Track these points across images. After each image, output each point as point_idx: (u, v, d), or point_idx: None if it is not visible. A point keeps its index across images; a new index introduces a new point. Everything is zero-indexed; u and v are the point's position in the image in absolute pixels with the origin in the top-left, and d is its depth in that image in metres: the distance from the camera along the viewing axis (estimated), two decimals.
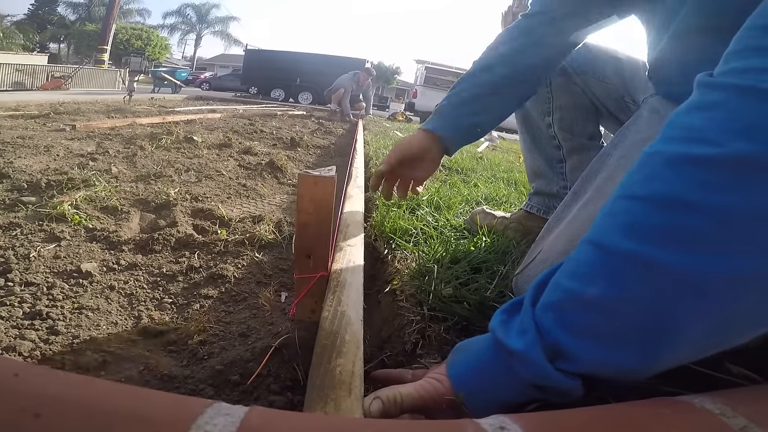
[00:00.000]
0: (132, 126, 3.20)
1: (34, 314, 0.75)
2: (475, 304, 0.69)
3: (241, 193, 1.69)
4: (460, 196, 1.50)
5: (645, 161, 0.40)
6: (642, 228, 0.37)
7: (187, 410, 0.29)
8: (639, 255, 0.36)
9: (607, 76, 0.99)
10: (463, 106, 0.88)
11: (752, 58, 0.37)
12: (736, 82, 0.37)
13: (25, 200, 1.27)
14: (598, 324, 0.38)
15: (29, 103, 4.50)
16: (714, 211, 0.34)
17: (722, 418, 0.34)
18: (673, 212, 0.36)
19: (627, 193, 0.40)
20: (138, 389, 0.32)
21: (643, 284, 0.36)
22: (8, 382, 0.29)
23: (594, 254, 0.40)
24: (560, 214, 0.78)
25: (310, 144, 3.32)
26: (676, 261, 0.34)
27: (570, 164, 1.09)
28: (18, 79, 8.82)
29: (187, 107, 5.73)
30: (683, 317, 0.35)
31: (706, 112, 0.38)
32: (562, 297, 0.40)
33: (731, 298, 0.34)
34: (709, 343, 0.37)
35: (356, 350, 0.52)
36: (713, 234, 0.34)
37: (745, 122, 0.35)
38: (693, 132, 0.38)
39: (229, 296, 0.90)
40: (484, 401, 0.42)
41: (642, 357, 0.37)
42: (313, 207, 0.62)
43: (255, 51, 15.74)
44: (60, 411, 0.27)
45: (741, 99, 0.36)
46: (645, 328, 0.36)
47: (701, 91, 0.40)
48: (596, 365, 0.38)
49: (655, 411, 0.35)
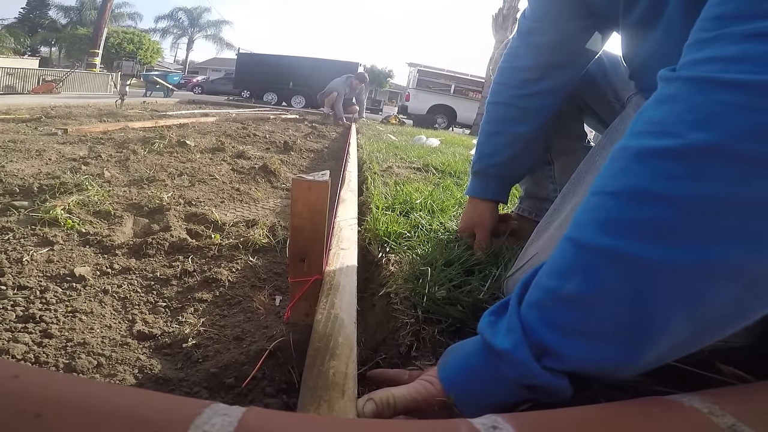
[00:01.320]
0: (124, 130, 3.18)
1: (27, 317, 0.75)
2: (469, 306, 0.70)
3: (234, 198, 1.69)
4: (453, 199, 1.51)
5: (615, 156, 0.41)
6: (614, 222, 0.38)
7: (185, 411, 0.29)
8: (612, 249, 0.37)
9: (589, 72, 0.98)
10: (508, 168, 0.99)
11: (704, 49, 0.38)
12: (690, 74, 0.38)
13: (18, 204, 1.26)
14: (579, 320, 0.38)
15: (20, 107, 4.47)
16: (679, 202, 0.35)
17: (711, 417, 0.34)
18: (642, 205, 0.36)
19: (599, 189, 0.41)
20: (137, 390, 0.32)
21: (618, 278, 0.36)
22: (9, 383, 0.29)
23: (571, 251, 0.40)
24: (550, 217, 0.79)
25: (304, 148, 3.32)
26: (647, 253, 0.35)
27: (558, 166, 1.09)
28: (9, 82, 8.75)
29: (180, 111, 5.71)
30: (660, 310, 0.35)
31: (666, 104, 0.39)
32: (544, 295, 0.41)
33: (703, 288, 0.34)
34: (691, 336, 0.37)
35: (349, 352, 0.53)
36: (680, 225, 0.34)
37: (701, 113, 0.35)
38: (656, 125, 0.39)
39: (224, 300, 0.90)
40: (474, 402, 0.43)
41: (625, 351, 0.37)
42: (307, 211, 0.63)
43: (247, 54, 15.69)
44: (60, 411, 0.27)
45: (695, 90, 0.37)
46: (624, 323, 0.36)
47: (662, 84, 0.41)
48: (581, 362, 0.38)
49: (644, 410, 0.36)
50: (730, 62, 0.36)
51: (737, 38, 0.36)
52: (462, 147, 4.53)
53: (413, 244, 0.99)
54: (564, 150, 1.07)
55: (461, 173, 2.29)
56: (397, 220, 1.16)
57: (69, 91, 9.32)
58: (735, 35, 0.36)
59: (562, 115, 1.04)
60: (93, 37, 14.79)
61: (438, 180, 2.02)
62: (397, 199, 1.40)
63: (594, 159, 0.79)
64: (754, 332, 0.50)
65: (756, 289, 0.35)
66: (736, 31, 0.36)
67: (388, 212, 1.24)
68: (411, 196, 1.43)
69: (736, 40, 0.36)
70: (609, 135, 0.81)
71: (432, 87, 12.41)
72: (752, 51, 0.35)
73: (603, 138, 0.83)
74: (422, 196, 1.45)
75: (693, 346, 0.38)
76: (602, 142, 0.82)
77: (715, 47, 0.37)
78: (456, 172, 2.31)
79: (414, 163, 2.59)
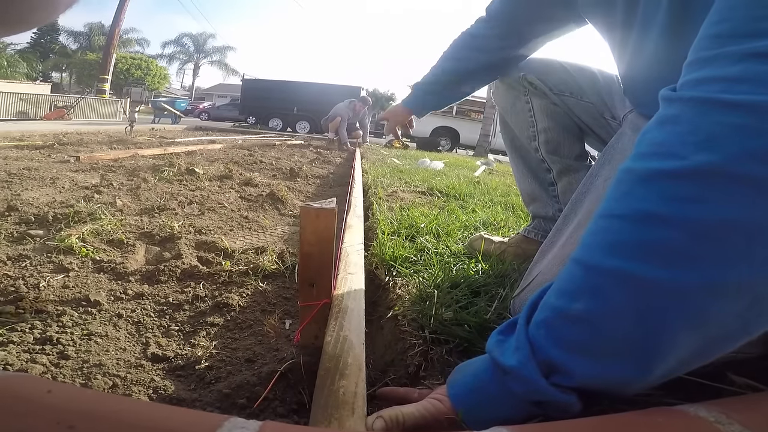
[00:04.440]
0: (134, 157, 3.26)
1: (44, 339, 0.77)
2: (476, 326, 0.71)
3: (243, 225, 1.72)
4: (458, 222, 1.53)
5: (620, 179, 0.42)
6: (620, 245, 0.39)
7: (207, 424, 0.31)
8: (619, 271, 0.38)
9: (585, 93, 1.01)
10: (427, 95, 1.22)
11: (705, 68, 0.39)
12: (692, 94, 0.39)
13: (33, 233, 1.30)
14: (586, 338, 0.39)
15: (33, 134, 4.59)
16: (684, 224, 0.35)
17: (717, 426, 0.35)
18: (648, 227, 0.37)
19: (606, 211, 0.42)
20: (161, 405, 0.34)
21: (625, 298, 0.37)
22: (43, 397, 0.31)
23: (578, 272, 0.42)
24: (552, 237, 0.81)
25: (309, 174, 3.37)
26: (653, 274, 0.36)
27: (561, 186, 1.10)
28: (22, 108, 8.90)
29: (188, 138, 5.83)
30: (665, 328, 0.36)
31: (668, 126, 0.40)
32: (551, 314, 0.42)
33: (708, 307, 0.35)
34: (696, 352, 0.38)
35: (359, 372, 0.55)
36: (686, 246, 0.35)
37: (704, 134, 0.36)
38: (659, 147, 0.39)
39: (235, 324, 0.92)
40: (483, 419, 0.43)
41: (631, 368, 0.38)
42: (315, 238, 0.65)
43: (252, 81, 15.95)
44: (91, 423, 0.29)
45: (697, 111, 0.38)
46: (630, 340, 0.37)
47: (663, 105, 0.42)
48: (589, 378, 0.39)
49: (649, 419, 0.36)
50: (731, 83, 0.36)
51: (737, 58, 0.37)
52: (466, 169, 4.57)
53: (419, 268, 1.01)
54: (566, 170, 1.09)
55: (466, 196, 2.32)
56: (403, 244, 1.19)
57: (79, 117, 9.48)
58: (734, 55, 0.37)
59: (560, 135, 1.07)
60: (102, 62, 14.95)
61: (443, 203, 2.04)
62: (403, 223, 1.43)
63: (593, 178, 0.80)
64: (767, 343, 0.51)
65: (759, 307, 0.35)
66: (735, 51, 0.37)
67: (393, 237, 1.26)
68: (416, 221, 1.46)
69: (736, 59, 0.37)
70: (607, 154, 0.83)
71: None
72: (752, 71, 0.35)
73: (601, 157, 0.85)
74: (427, 220, 1.47)
75: (698, 361, 0.39)
76: (600, 161, 0.83)
77: (715, 67, 0.38)
78: (461, 195, 2.33)
79: (418, 186, 2.63)
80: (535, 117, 1.08)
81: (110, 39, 14.94)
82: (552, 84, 1.04)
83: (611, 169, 0.77)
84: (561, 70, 1.05)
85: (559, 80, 1.04)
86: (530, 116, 1.09)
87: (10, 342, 0.76)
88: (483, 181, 3.33)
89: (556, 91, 1.04)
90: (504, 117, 1.18)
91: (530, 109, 1.08)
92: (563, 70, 1.04)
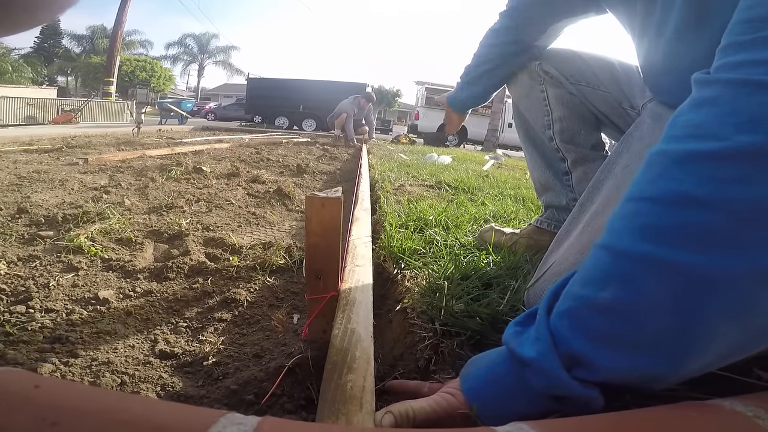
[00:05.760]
0: (142, 158, 3.27)
1: (54, 338, 0.77)
2: (488, 318, 0.69)
3: (251, 221, 1.72)
4: (468, 214, 1.51)
5: (652, 161, 0.40)
6: (653, 229, 0.37)
7: (202, 420, 0.30)
8: (652, 256, 0.36)
9: (602, 83, 1.00)
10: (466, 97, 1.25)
11: (742, 52, 0.38)
12: (731, 76, 0.38)
13: (43, 234, 1.30)
14: (614, 328, 0.37)
15: (42, 138, 4.63)
16: (725, 206, 0.34)
17: (757, 421, 0.33)
18: (684, 210, 0.35)
19: (636, 194, 0.40)
20: (153, 400, 0.33)
21: (657, 286, 0.35)
22: (29, 392, 0.30)
23: (606, 258, 0.39)
24: (568, 226, 0.79)
25: (316, 170, 3.36)
26: (690, 260, 0.34)
27: (576, 176, 1.08)
28: (30, 113, 9.01)
29: (195, 138, 5.85)
30: (703, 317, 0.34)
31: (705, 108, 0.39)
32: (576, 303, 0.40)
33: (751, 294, 0.33)
34: (737, 344, 0.36)
35: (367, 366, 0.53)
36: (727, 229, 0.33)
37: (746, 115, 0.35)
38: (696, 128, 0.38)
39: (243, 319, 0.91)
40: (498, 414, 0.41)
41: (663, 361, 0.36)
42: (321, 228, 0.64)
43: (257, 80, 15.95)
44: (77, 420, 0.28)
45: (738, 92, 0.36)
46: (664, 331, 0.35)
47: (698, 87, 0.41)
48: (615, 372, 0.37)
49: (681, 414, 0.34)
50: None
51: None
52: (474, 163, 4.54)
53: (428, 260, 1.00)
54: (582, 159, 1.07)
55: (475, 189, 2.29)
56: (412, 236, 1.17)
57: (87, 120, 9.56)
58: None
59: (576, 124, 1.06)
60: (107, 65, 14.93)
61: (451, 196, 2.02)
62: (411, 216, 1.41)
63: (611, 166, 0.79)
64: None
65: None
66: None
67: (401, 229, 1.25)
68: (424, 213, 1.44)
69: None
70: (625, 142, 0.81)
71: (441, 105, 12.46)
72: None
73: (619, 145, 0.83)
74: (436, 213, 1.46)
75: (739, 354, 0.37)
76: (618, 149, 0.82)
77: (754, 50, 0.37)
78: (470, 188, 2.31)
79: (426, 180, 2.61)
80: (551, 106, 1.07)
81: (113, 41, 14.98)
82: (568, 73, 1.03)
83: (630, 157, 0.75)
84: (577, 59, 1.04)
85: (576, 69, 1.03)
86: (545, 105, 1.08)
87: (20, 341, 0.76)
88: (492, 174, 3.31)
89: (573, 80, 1.03)
90: (518, 106, 1.16)
91: (545, 98, 1.07)
92: (580, 60, 1.04)
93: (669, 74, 0.71)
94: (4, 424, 0.26)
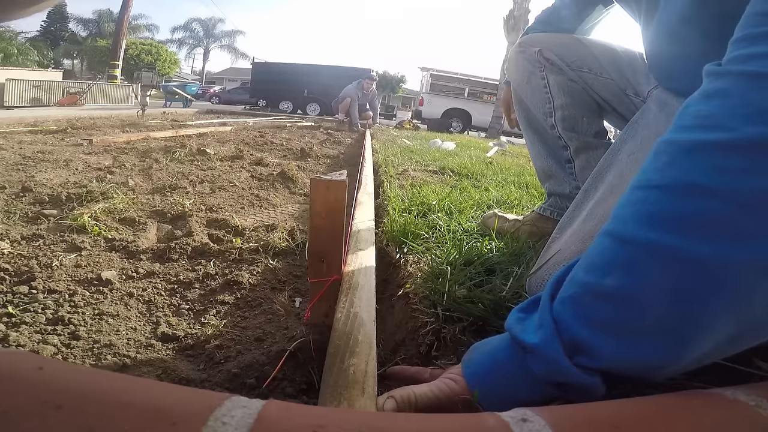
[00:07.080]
0: (146, 140, 3.26)
1: (56, 320, 0.77)
2: (490, 304, 0.69)
3: (254, 203, 1.71)
4: (471, 200, 1.50)
5: (660, 150, 0.40)
6: (660, 216, 0.36)
7: (206, 402, 0.29)
8: (657, 244, 0.35)
9: (605, 69, 0.98)
10: None
11: (755, 45, 0.38)
12: (743, 68, 0.38)
13: (47, 213, 1.30)
14: (617, 316, 0.37)
15: (47, 119, 4.63)
16: (733, 196, 0.34)
17: (759, 410, 0.33)
18: (692, 199, 0.35)
19: (644, 182, 0.40)
20: (157, 383, 0.32)
21: (662, 274, 0.35)
22: (33, 375, 0.30)
23: (611, 245, 0.39)
24: (572, 213, 0.78)
25: (320, 154, 3.35)
26: (695, 248, 0.34)
27: (579, 164, 1.07)
28: (35, 95, 8.98)
29: (199, 121, 5.83)
30: (707, 307, 0.34)
31: (716, 99, 0.38)
32: (580, 290, 0.40)
33: (756, 285, 0.33)
34: (734, 337, 0.36)
35: (369, 350, 0.53)
36: (734, 219, 0.33)
37: (758, 107, 0.35)
38: (705, 119, 0.38)
39: (245, 302, 0.91)
40: (499, 400, 0.41)
41: (665, 350, 0.36)
42: (325, 211, 0.63)
43: (262, 64, 15.89)
44: (80, 402, 0.27)
45: (750, 85, 0.36)
46: (666, 320, 0.35)
47: (709, 79, 0.41)
48: (617, 360, 0.37)
49: (684, 402, 0.34)
50: None
51: None
52: (478, 150, 4.51)
53: (431, 245, 0.99)
54: (584, 147, 1.05)
55: (478, 175, 2.28)
56: (415, 221, 1.16)
57: (92, 103, 9.54)
58: None
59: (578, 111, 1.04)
60: (112, 48, 15.00)
61: (455, 182, 2.01)
62: (414, 201, 1.40)
63: (615, 153, 0.78)
64: None
65: None
66: None
67: (405, 214, 1.24)
68: (428, 198, 1.43)
69: None
70: (630, 129, 0.80)
71: (445, 91, 12.36)
72: None
73: (624, 132, 0.82)
74: (439, 198, 1.45)
75: (736, 346, 0.37)
76: (623, 136, 0.80)
77: (766, 43, 0.37)
78: (473, 174, 2.29)
79: (430, 166, 2.59)
80: (552, 93, 1.05)
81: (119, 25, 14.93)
82: (569, 60, 1.01)
83: (635, 144, 0.75)
84: (579, 45, 1.01)
85: (577, 56, 1.01)
86: (546, 92, 1.05)
87: (22, 323, 0.76)
88: (496, 161, 3.28)
89: (574, 66, 1.01)
90: (518, 93, 1.14)
91: (546, 86, 1.05)
92: (581, 46, 1.01)
93: (675, 60, 0.70)
94: (8, 407, 0.26)
